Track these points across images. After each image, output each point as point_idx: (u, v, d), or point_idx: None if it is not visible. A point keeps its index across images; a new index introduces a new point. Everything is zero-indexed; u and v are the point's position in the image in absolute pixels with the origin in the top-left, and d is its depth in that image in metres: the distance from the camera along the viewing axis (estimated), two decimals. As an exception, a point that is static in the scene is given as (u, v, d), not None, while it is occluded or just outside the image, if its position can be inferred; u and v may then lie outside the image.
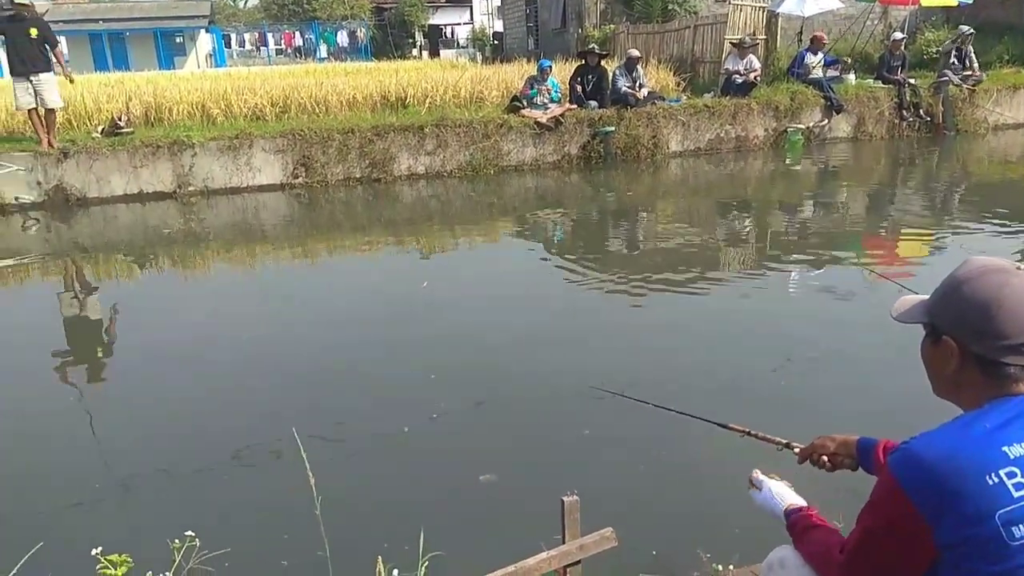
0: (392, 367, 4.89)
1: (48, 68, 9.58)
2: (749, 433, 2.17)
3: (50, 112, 9.67)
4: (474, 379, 4.63)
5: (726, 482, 3.49)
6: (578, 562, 2.08)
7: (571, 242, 8.53)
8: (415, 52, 36.46)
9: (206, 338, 5.54)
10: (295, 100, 11.49)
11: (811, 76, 13.13)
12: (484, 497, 3.43)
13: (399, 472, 3.68)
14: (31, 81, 9.42)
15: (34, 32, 9.47)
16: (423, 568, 2.27)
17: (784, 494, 1.83)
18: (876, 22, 14.96)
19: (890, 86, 13.39)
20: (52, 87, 9.63)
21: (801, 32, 14.78)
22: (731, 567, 2.59)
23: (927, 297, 1.53)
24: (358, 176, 10.95)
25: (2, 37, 9.59)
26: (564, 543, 2.05)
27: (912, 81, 13.36)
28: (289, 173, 10.70)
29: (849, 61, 13.81)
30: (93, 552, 1.83)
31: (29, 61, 9.41)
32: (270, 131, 10.66)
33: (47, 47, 9.60)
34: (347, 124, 10.98)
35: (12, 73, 9.53)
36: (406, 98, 11.99)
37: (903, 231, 8.37)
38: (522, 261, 7.62)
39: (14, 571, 1.90)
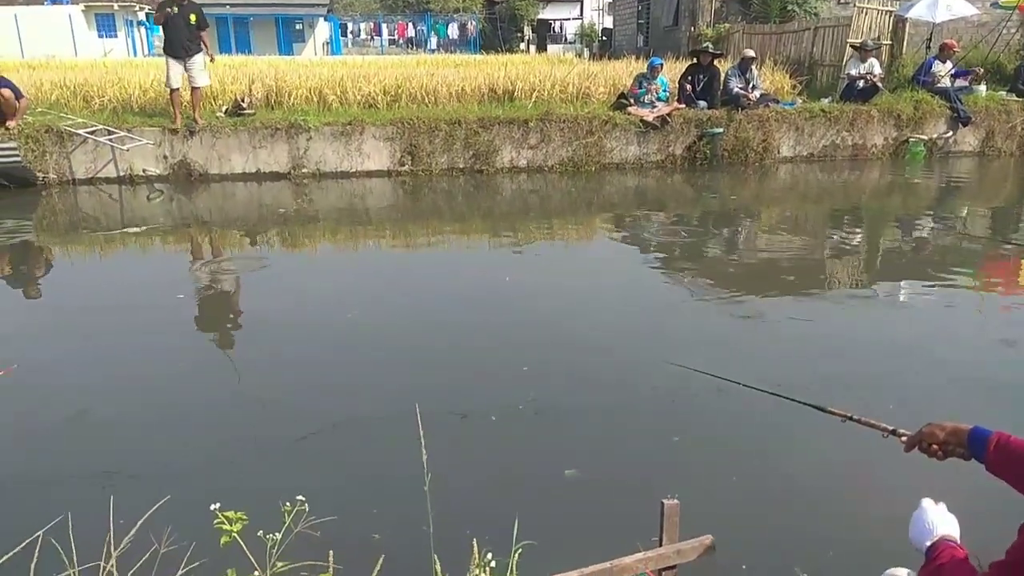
0: (486, 354, 4.95)
1: (199, 50, 10.27)
2: (851, 418, 2.07)
3: (196, 90, 10.28)
4: (564, 371, 4.64)
5: (827, 494, 3.39)
6: (674, 567, 2.05)
7: (669, 244, 8.39)
8: (523, 46, 36.64)
9: (314, 314, 5.76)
10: (406, 90, 11.74)
11: (938, 85, 12.43)
12: (573, 491, 3.43)
13: (494, 459, 3.72)
14: (185, 63, 10.08)
15: (193, 18, 10.21)
16: (516, 555, 2.28)
17: (940, 523, 1.71)
18: (1013, 31, 13.98)
19: (1024, 100, 12.54)
20: (202, 68, 10.34)
21: (930, 39, 14.01)
22: (830, 588, 2.49)
23: None
24: (461, 166, 11.11)
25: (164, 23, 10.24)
26: (661, 546, 2.02)
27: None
28: (396, 160, 10.96)
29: (981, 71, 12.98)
30: (212, 507, 1.92)
31: (186, 45, 10.12)
32: (381, 119, 10.95)
33: (199, 31, 10.24)
34: (454, 115, 11.16)
35: (171, 55, 10.18)
36: (513, 91, 12.05)
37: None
38: (617, 260, 7.55)
39: (141, 521, 2.03)
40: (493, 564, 2.20)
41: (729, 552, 2.76)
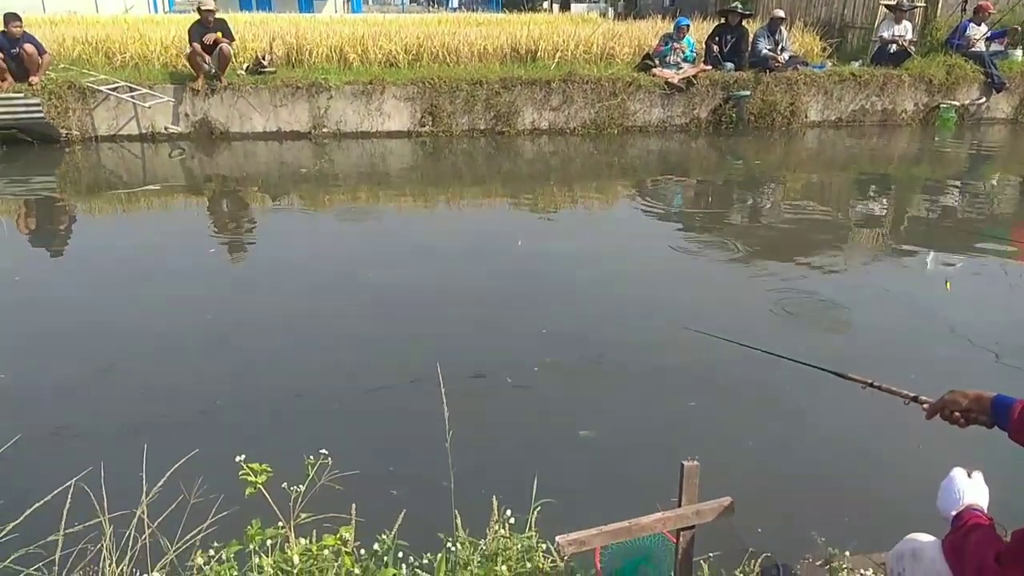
0: (504, 317, 4.97)
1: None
2: (872, 385, 2.06)
3: (221, 50, 10.22)
4: (582, 335, 4.64)
5: (847, 460, 3.39)
6: (692, 527, 2.07)
7: (691, 210, 8.31)
8: (546, 5, 36.00)
9: (333, 274, 5.79)
10: (427, 49, 11.60)
11: (972, 49, 12.09)
12: (590, 452, 3.45)
13: (513, 420, 3.75)
14: (211, 20, 10.11)
15: (220, 34, 10.21)
16: (535, 513, 2.31)
17: (968, 492, 1.70)
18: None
19: (1064, 65, 12.17)
20: (228, 26, 10.35)
21: (965, 1, 13.57)
22: (847, 553, 2.50)
23: None
24: (482, 128, 11.02)
25: None
26: (680, 507, 2.04)
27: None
28: (416, 121, 10.89)
29: (1021, 29, 12.57)
30: (237, 459, 1.96)
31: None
32: (402, 78, 10.85)
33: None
34: (476, 75, 11.03)
35: (200, 12, 10.21)
36: (536, 51, 11.87)
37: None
38: (638, 225, 7.49)
39: (169, 472, 2.07)
40: (512, 521, 2.24)
41: (746, 515, 2.78)
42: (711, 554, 2.45)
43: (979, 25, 12.18)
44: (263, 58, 10.70)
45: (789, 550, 2.63)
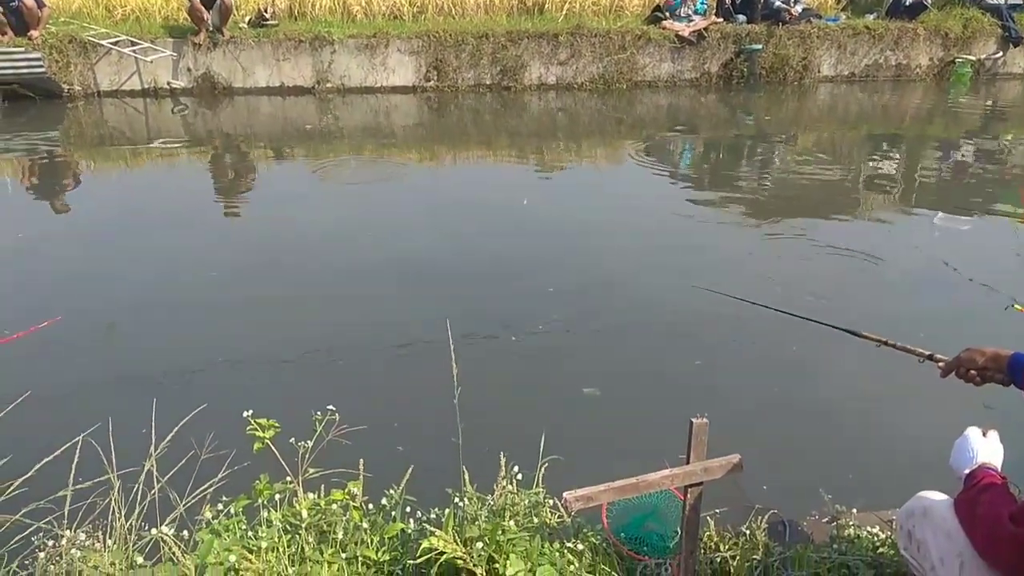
0: (510, 276, 4.94)
1: None
2: (886, 343, 2.04)
3: (224, 3, 10.00)
4: (590, 294, 4.62)
5: (855, 419, 3.39)
6: (700, 484, 2.06)
7: (700, 167, 8.21)
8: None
9: (340, 233, 5.75)
10: (433, 1, 11.38)
11: (989, 2, 11.79)
12: (597, 410, 3.46)
13: (520, 379, 3.75)
14: None
15: None
16: (542, 469, 2.31)
17: (982, 451, 1.68)
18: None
19: (1085, 17, 11.89)
20: None
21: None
22: (854, 510, 2.50)
23: None
24: (488, 83, 10.86)
25: None
26: (688, 463, 2.03)
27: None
28: (422, 76, 10.73)
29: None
30: (245, 414, 1.95)
31: None
32: (406, 31, 10.67)
33: None
34: (482, 28, 10.83)
35: None
36: (544, 3, 11.64)
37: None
38: (646, 183, 7.41)
39: (178, 426, 2.07)
40: (520, 477, 2.24)
41: (753, 472, 2.78)
42: (717, 511, 2.46)
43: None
44: (265, 11, 10.52)
45: (795, 507, 2.63)
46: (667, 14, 11.25)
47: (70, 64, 9.81)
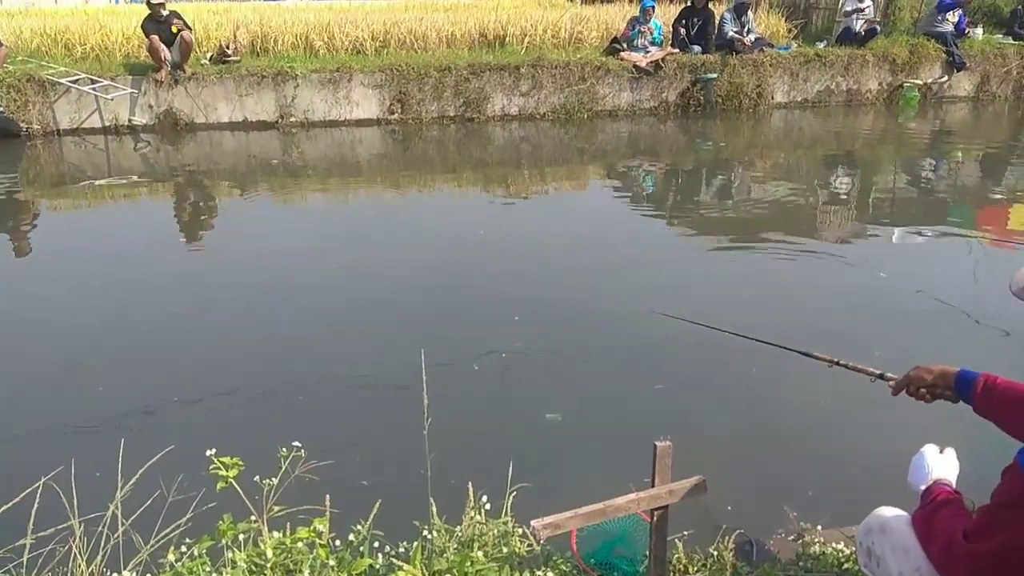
0: (476, 305, 4.97)
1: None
2: (837, 363, 2.09)
3: (183, 39, 9.99)
4: (557, 320, 4.66)
5: (815, 438, 3.45)
6: (665, 507, 2.09)
7: (661, 193, 8.35)
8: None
9: (302, 263, 5.74)
10: (395, 35, 11.49)
11: (937, 29, 12.24)
12: (564, 436, 3.48)
13: (485, 408, 3.76)
14: (163, 14, 9.86)
15: (175, 28, 9.94)
16: (510, 497, 2.32)
17: (937, 468, 1.73)
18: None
19: (1020, 43, 12.39)
20: (182, 17, 10.12)
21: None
22: (819, 527, 2.55)
23: None
24: (452, 115, 10.96)
25: None
26: (653, 487, 2.06)
27: (1049, 38, 12.33)
28: (386, 108, 10.79)
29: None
30: (208, 453, 1.94)
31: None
32: (369, 65, 10.74)
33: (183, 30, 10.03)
34: (444, 61, 10.95)
35: (149, 5, 9.94)
36: (504, 36, 11.81)
37: (1021, 198, 7.83)
38: (608, 210, 7.52)
39: (143, 469, 2.05)
40: (488, 507, 2.25)
41: (718, 493, 2.82)
42: (685, 532, 2.49)
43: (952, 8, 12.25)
44: (227, 47, 10.52)
45: (761, 526, 2.68)
46: (624, 45, 11.48)
47: (28, 103, 9.69)
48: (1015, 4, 13.26)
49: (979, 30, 12.86)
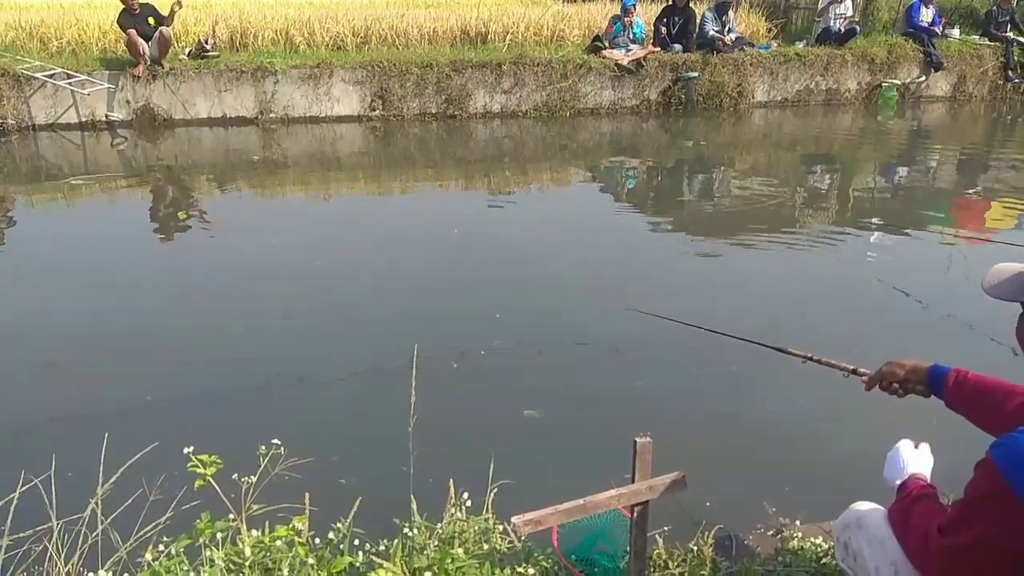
0: (454, 303, 4.96)
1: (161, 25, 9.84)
2: (811, 359, 2.11)
3: (162, 34, 9.85)
4: (536, 317, 4.66)
5: (795, 432, 3.47)
6: (645, 502, 2.10)
7: (642, 190, 8.38)
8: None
9: (281, 262, 5.70)
10: (376, 31, 11.44)
11: (921, 24, 12.35)
12: (544, 432, 3.48)
13: (465, 405, 3.76)
14: (136, 6, 9.70)
15: (152, 21, 9.80)
16: (492, 494, 2.33)
17: (912, 463, 1.75)
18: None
19: (996, 44, 12.56)
20: (157, 10, 9.97)
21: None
22: (797, 522, 2.57)
23: None
24: (433, 112, 10.93)
25: None
26: (634, 483, 2.07)
27: (1021, 40, 12.49)
28: (367, 105, 10.74)
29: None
30: (185, 451, 1.92)
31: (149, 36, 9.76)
32: (350, 61, 10.68)
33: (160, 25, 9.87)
34: (426, 58, 10.92)
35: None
36: (487, 33, 11.79)
37: (997, 197, 7.95)
38: (589, 208, 7.54)
39: (124, 467, 2.03)
40: (469, 504, 2.25)
41: (698, 489, 2.83)
42: (665, 528, 2.50)
43: (928, 7, 12.40)
44: (206, 42, 10.42)
45: (741, 521, 2.70)
46: (606, 43, 11.51)
47: (3, 97, 9.55)
48: (990, 5, 13.43)
49: (956, 31, 13.02)
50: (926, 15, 12.36)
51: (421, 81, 10.74)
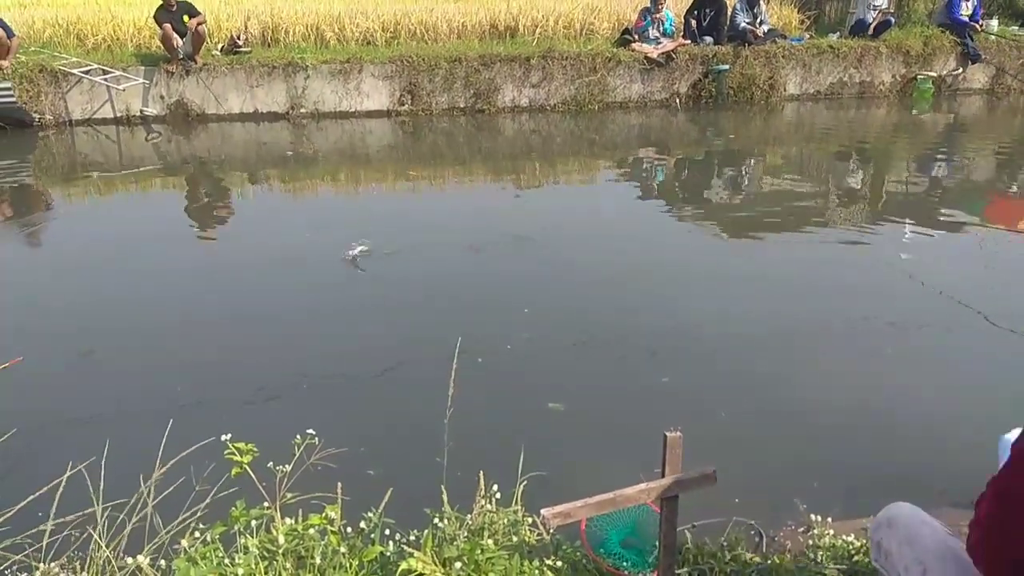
0: (488, 296, 4.98)
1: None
2: None
3: (197, 33, 10.02)
4: (566, 312, 4.66)
5: (828, 426, 3.44)
6: (675, 497, 2.10)
7: (671, 185, 8.32)
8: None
9: (314, 256, 5.76)
10: (405, 26, 11.49)
11: (959, 17, 12.09)
12: (574, 425, 3.48)
13: (496, 396, 3.77)
14: (174, 3, 9.90)
15: (186, 19, 10.00)
16: (521, 487, 2.34)
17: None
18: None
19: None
20: (193, 6, 10.17)
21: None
22: (829, 519, 2.55)
23: None
24: (462, 106, 10.95)
25: None
26: (663, 477, 2.06)
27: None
28: (396, 100, 10.80)
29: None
30: (223, 438, 1.96)
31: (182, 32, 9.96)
32: (380, 56, 10.74)
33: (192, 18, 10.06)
34: (454, 52, 10.94)
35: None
36: (516, 27, 11.78)
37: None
38: (618, 203, 7.49)
39: (172, 462, 2.07)
40: (499, 495, 2.26)
41: (728, 484, 2.82)
42: (694, 524, 2.49)
43: (968, 0, 12.13)
44: (238, 38, 10.55)
45: (771, 517, 2.68)
46: (636, 36, 11.44)
47: (41, 93, 9.76)
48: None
49: (994, 22, 12.73)
50: (967, 8, 12.10)
51: (450, 75, 10.77)
